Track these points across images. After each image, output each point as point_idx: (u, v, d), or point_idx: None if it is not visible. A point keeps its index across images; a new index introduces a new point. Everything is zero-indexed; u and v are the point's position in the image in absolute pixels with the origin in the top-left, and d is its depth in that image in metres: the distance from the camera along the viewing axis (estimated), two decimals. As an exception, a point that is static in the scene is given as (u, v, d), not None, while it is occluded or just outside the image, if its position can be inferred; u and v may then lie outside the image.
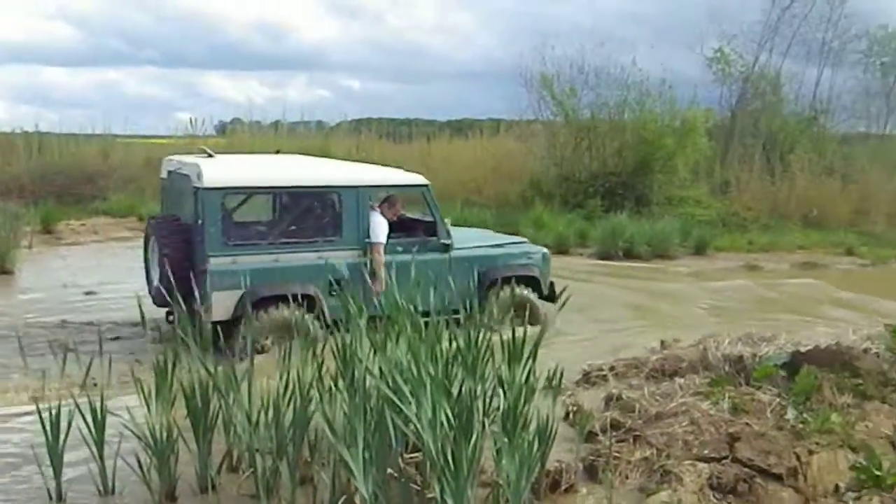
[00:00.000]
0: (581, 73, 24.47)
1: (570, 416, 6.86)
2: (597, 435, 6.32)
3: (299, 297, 8.66)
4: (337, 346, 5.73)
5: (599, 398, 7.37)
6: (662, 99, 24.04)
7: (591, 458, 5.93)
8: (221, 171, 9.54)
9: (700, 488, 5.42)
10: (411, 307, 6.18)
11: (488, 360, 5.63)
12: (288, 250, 9.50)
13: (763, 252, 19.49)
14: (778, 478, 5.62)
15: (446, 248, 10.22)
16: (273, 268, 9.26)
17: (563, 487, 5.57)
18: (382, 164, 12.52)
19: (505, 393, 5.40)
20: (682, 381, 7.34)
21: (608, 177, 23.19)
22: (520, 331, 5.67)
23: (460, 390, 5.22)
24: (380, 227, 9.85)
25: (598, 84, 24.57)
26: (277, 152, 12.53)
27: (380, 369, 5.41)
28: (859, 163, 25.94)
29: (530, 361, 5.64)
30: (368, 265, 9.60)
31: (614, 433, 6.19)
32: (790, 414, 6.63)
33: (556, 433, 5.42)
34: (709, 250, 19.36)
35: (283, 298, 8.87)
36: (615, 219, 19.62)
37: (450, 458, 4.64)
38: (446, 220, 10.54)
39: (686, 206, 22.92)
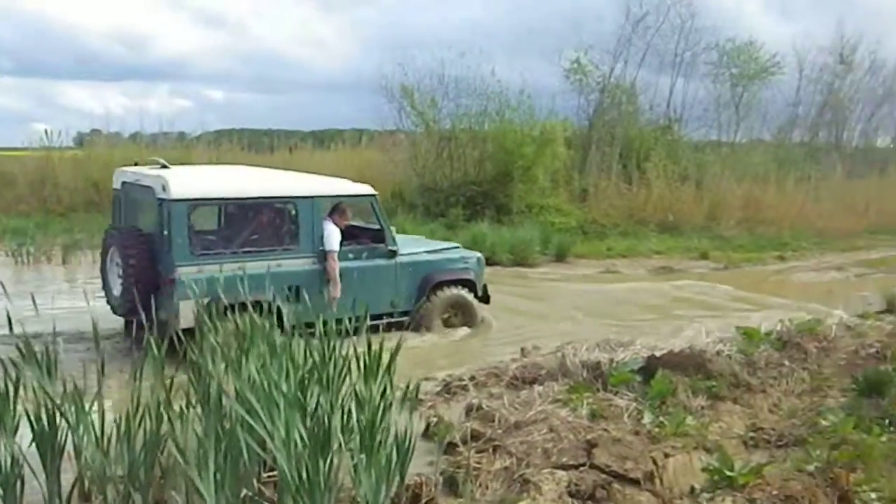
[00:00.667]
0: (441, 83, 24.58)
1: (431, 427, 6.82)
2: (457, 446, 6.29)
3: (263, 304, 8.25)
4: (191, 362, 5.58)
5: (460, 408, 7.35)
6: (521, 109, 24.28)
7: (452, 470, 5.89)
8: (187, 183, 9.77)
9: (559, 496, 5.44)
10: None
11: (345, 375, 5.55)
12: (249, 259, 9.58)
13: (621, 258, 19.85)
14: (635, 482, 5.68)
15: (393, 254, 11.01)
16: (224, 275, 8.70)
17: (423, 501, 5.51)
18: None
19: (362, 408, 5.33)
20: (541, 388, 7.41)
21: (469, 186, 23.31)
22: (383, 342, 5.61)
23: (316, 407, 5.12)
24: (333, 236, 10.33)
25: (459, 94, 24.73)
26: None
27: (235, 388, 5.27)
28: (712, 170, 26.77)
29: (387, 375, 5.57)
30: (324, 272, 10.19)
31: (474, 444, 6.19)
32: (647, 418, 6.74)
33: (414, 446, 5.37)
34: (569, 257, 19.62)
35: (243, 305, 8.31)
36: (476, 227, 19.74)
37: (305, 476, 4.55)
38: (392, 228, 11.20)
39: (546, 214, 23.19)
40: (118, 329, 10.61)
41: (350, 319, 6.29)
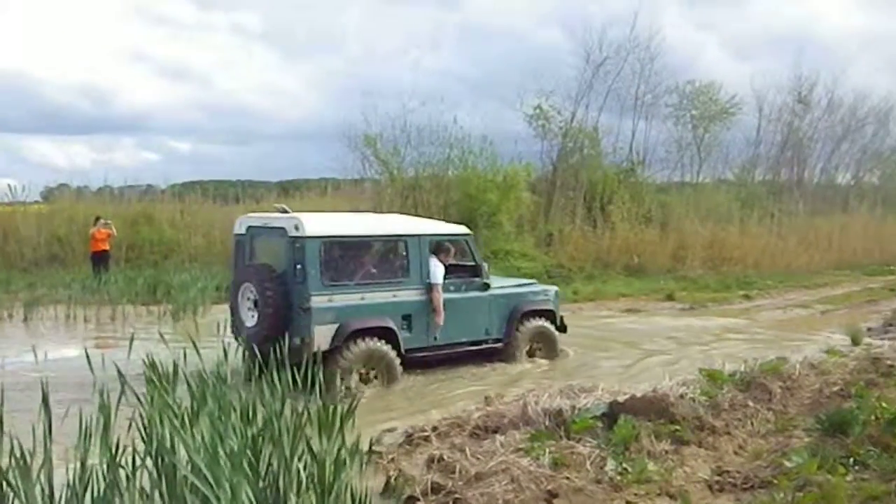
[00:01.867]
0: (404, 131, 24.70)
1: (391, 482, 6.70)
2: (418, 500, 6.17)
3: (379, 329, 10.96)
4: (141, 421, 5.46)
5: (422, 460, 7.23)
6: (484, 155, 24.46)
7: (412, 525, 5.79)
8: (317, 224, 11.06)
9: (519, 549, 5.35)
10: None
11: (301, 433, 5.43)
12: (370, 290, 11.20)
13: (588, 301, 19.87)
14: (597, 533, 5.61)
15: (487, 287, 12.36)
16: (359, 304, 10.94)
17: (382, 559, 5.41)
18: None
19: (318, 465, 5.22)
20: (503, 438, 7.30)
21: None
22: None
23: (268, 466, 5.01)
24: (438, 270, 11.64)
25: (422, 142, 24.86)
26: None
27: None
28: (676, 211, 26.98)
29: (342, 431, 5.47)
30: (430, 302, 11.54)
31: (435, 497, 6.07)
32: (609, 465, 6.65)
33: (370, 502, 5.27)
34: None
35: (367, 331, 10.86)
36: (442, 275, 19.68)
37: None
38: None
39: (512, 258, 23.24)
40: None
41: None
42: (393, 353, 11.04)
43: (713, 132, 31.03)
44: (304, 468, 5.32)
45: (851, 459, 7.02)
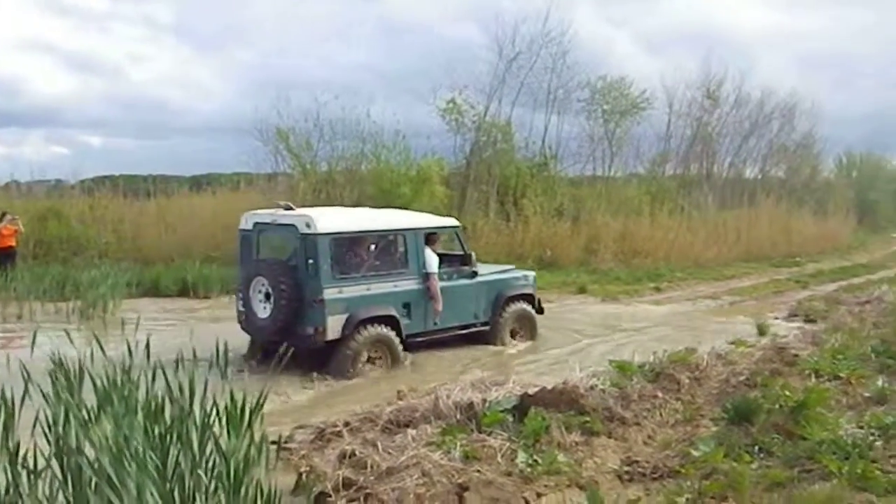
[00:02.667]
0: (316, 125, 24.53)
1: (303, 478, 6.65)
2: (329, 496, 6.13)
3: (383, 317, 12.05)
4: (46, 421, 5.34)
5: (334, 456, 7.18)
6: (398, 149, 24.41)
7: (323, 521, 5.75)
8: (327, 220, 11.92)
9: (430, 543, 5.35)
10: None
11: (209, 431, 5.34)
12: (374, 281, 12.13)
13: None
14: (507, 524, 5.63)
15: (475, 274, 13.52)
16: (365, 295, 11.93)
17: (292, 556, 5.37)
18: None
19: (226, 463, 5.15)
20: (414, 432, 7.29)
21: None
22: (239, 396, 5.43)
23: (176, 465, 4.92)
24: (433, 260, 12.70)
25: (335, 136, 24.70)
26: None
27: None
28: (588, 204, 27.23)
29: (250, 427, 5.40)
30: (427, 290, 12.60)
31: (346, 492, 6.04)
32: (520, 457, 6.68)
33: (280, 499, 5.22)
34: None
35: (373, 319, 11.95)
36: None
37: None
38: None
39: (425, 253, 23.21)
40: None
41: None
42: (396, 339, 12.17)
43: (624, 127, 31.37)
44: (213, 467, 5.25)
45: (756, 447, 7.17)
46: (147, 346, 5.77)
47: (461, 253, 13.58)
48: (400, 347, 12.25)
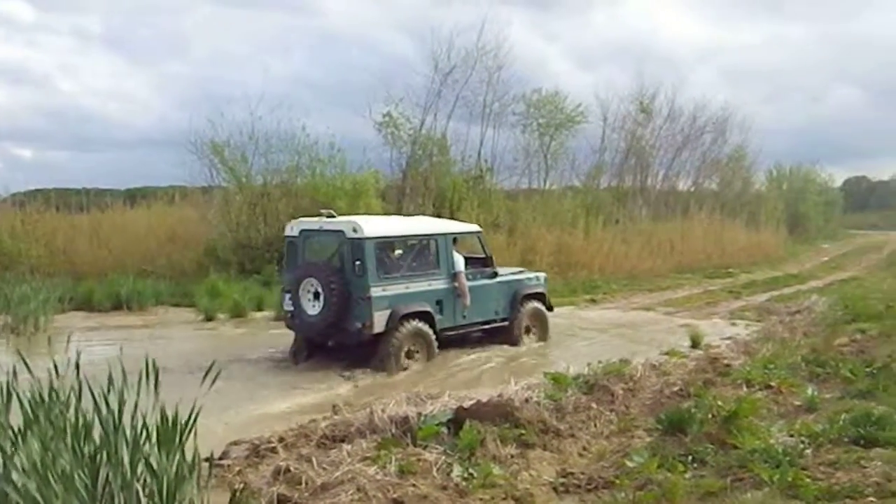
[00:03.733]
0: (251, 139, 24.32)
1: (237, 495, 6.56)
2: (264, 513, 6.08)
3: (420, 312, 13.34)
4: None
5: (268, 472, 7.11)
6: (333, 163, 24.29)
7: (257, 539, 5.68)
8: (372, 226, 13.20)
9: (365, 559, 5.32)
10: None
11: (139, 450, 5.24)
12: (412, 280, 13.42)
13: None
14: (442, 539, 5.61)
15: (495, 275, 14.91)
16: (405, 293, 13.22)
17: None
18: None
19: (158, 480, 5.06)
20: (349, 447, 7.25)
21: (284, 242, 23.03)
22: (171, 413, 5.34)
23: (105, 485, 4.83)
24: (460, 261, 14.16)
25: (270, 150, 24.52)
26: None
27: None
28: (523, 217, 27.35)
29: (184, 445, 5.31)
30: (456, 288, 13.95)
31: (281, 510, 5.99)
32: (455, 471, 6.69)
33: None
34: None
35: (412, 315, 13.22)
36: (291, 283, 19.50)
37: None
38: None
39: (362, 266, 23.15)
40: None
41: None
42: (431, 333, 13.46)
43: (559, 140, 31.55)
44: (144, 486, 5.17)
45: (690, 457, 7.27)
46: (77, 362, 5.65)
47: (482, 255, 14.97)
48: (435, 341, 13.54)
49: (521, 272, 16.13)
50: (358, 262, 12.75)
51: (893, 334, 13.76)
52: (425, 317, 13.44)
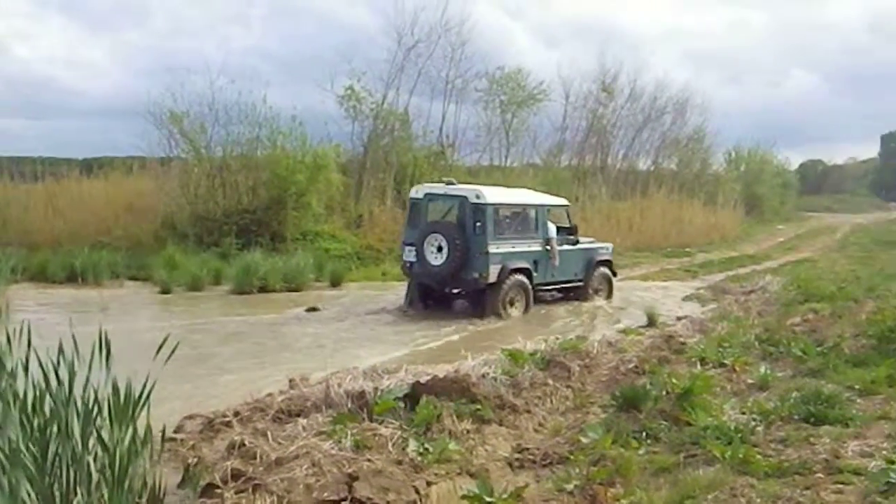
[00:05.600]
0: (211, 110, 24.07)
1: (190, 469, 6.53)
2: (218, 487, 6.02)
3: (522, 269, 16.19)
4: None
5: (223, 447, 7.06)
6: (294, 135, 24.08)
7: (210, 513, 5.65)
8: (491, 194, 16.31)
9: (318, 533, 5.30)
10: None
11: (91, 423, 5.18)
12: (517, 241, 16.32)
13: (397, 282, 19.94)
14: (396, 514, 5.60)
15: (577, 242, 17.95)
16: (512, 251, 16.06)
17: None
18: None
19: (110, 455, 5.01)
20: (305, 421, 7.22)
21: (243, 214, 22.94)
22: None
23: (54, 459, 4.76)
24: (552, 228, 17.30)
25: (230, 121, 24.27)
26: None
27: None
28: (484, 193, 27.34)
29: (136, 418, 5.25)
30: (549, 251, 16.88)
31: (235, 483, 5.94)
32: (411, 446, 6.68)
33: (165, 491, 5.11)
34: (344, 282, 19.59)
35: (517, 270, 16.05)
36: (250, 256, 19.38)
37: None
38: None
39: (321, 240, 23.12)
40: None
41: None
42: (530, 286, 16.37)
43: (521, 117, 31.67)
44: (95, 459, 5.11)
45: (644, 433, 7.32)
46: (28, 334, 5.55)
47: (568, 226, 18.04)
48: (532, 294, 16.43)
49: (594, 242, 18.94)
50: (478, 224, 15.57)
51: (844, 314, 13.92)
52: (525, 272, 16.25)
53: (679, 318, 14.87)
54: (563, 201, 19.00)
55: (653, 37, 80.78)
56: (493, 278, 15.63)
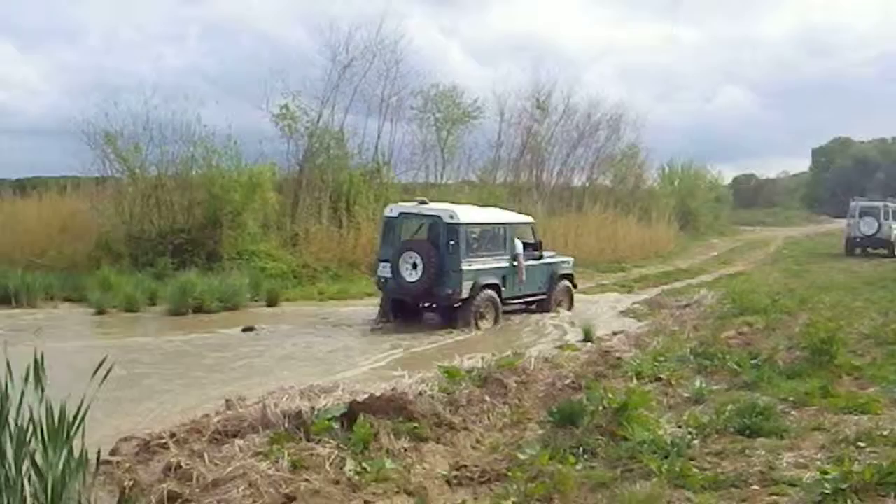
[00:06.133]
0: (146, 129, 23.81)
1: (126, 493, 6.45)
2: (153, 510, 5.97)
3: (492, 284, 17.04)
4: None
5: (159, 468, 6.99)
6: (229, 154, 23.90)
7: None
8: (464, 214, 17.13)
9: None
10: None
11: (25, 447, 5.10)
12: (487, 258, 17.19)
13: (333, 300, 19.93)
14: (334, 534, 5.60)
15: (541, 257, 18.88)
16: (482, 268, 16.94)
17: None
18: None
19: (43, 479, 4.94)
20: (242, 442, 7.17)
21: (178, 234, 22.73)
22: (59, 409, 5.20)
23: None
24: (519, 245, 17.98)
25: (164, 140, 24.03)
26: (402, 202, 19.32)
27: None
28: (420, 211, 27.35)
29: (72, 441, 5.18)
30: (515, 267, 17.71)
31: (171, 506, 5.90)
32: (348, 465, 6.67)
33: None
34: (280, 302, 19.48)
35: (487, 286, 16.90)
36: (185, 276, 19.19)
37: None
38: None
39: (257, 259, 22.92)
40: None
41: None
42: (499, 300, 17.26)
43: (456, 135, 31.74)
44: (30, 483, 5.04)
45: (581, 449, 7.37)
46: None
47: (532, 241, 18.82)
48: (500, 308, 17.29)
49: (556, 256, 19.87)
50: (452, 242, 16.34)
51: (778, 327, 14.19)
52: (495, 287, 17.12)
53: (615, 333, 15.02)
54: (529, 219, 20.00)
55: (586, 54, 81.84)
56: (465, 294, 16.50)
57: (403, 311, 17.43)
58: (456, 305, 16.58)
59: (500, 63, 78.52)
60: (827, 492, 5.88)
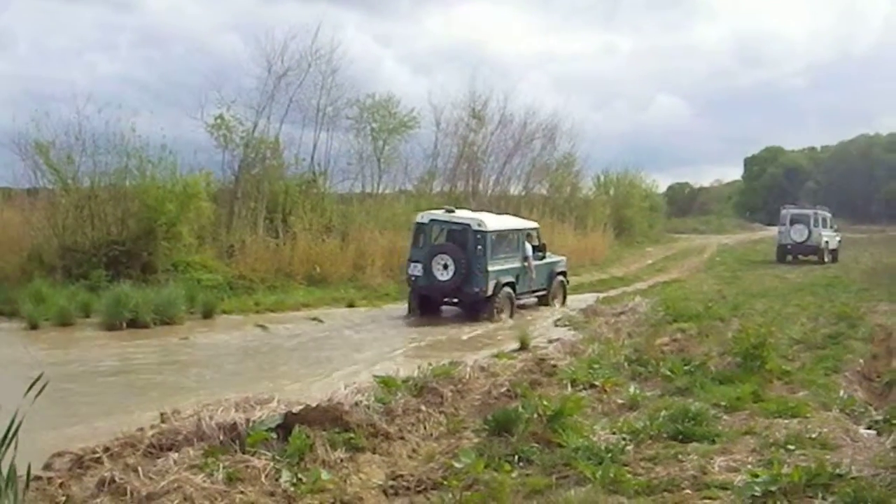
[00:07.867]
0: (78, 139, 23.43)
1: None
2: (88, 526, 5.92)
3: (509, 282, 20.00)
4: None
5: (93, 483, 6.92)
6: (163, 165, 23.61)
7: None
8: (490, 222, 20.11)
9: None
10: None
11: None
12: (505, 260, 20.02)
13: (270, 311, 19.81)
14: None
15: (544, 257, 21.95)
16: (502, 269, 19.72)
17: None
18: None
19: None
20: (176, 455, 7.13)
21: (112, 245, 22.34)
22: None
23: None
24: (529, 247, 21.20)
25: (97, 151, 23.66)
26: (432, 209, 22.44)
27: None
28: (356, 221, 27.37)
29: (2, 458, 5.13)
30: (526, 266, 20.82)
31: (103, 521, 5.86)
32: (284, 477, 6.68)
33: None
34: (216, 314, 19.33)
35: (506, 283, 19.72)
36: (119, 288, 18.93)
37: None
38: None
39: (193, 271, 22.65)
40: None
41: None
42: (514, 296, 20.31)
43: (392, 145, 31.78)
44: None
45: (516, 456, 7.47)
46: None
47: (537, 244, 21.88)
48: (515, 303, 20.36)
49: (553, 256, 22.90)
50: (480, 247, 19.11)
51: (711, 333, 14.44)
52: (511, 285, 19.98)
53: (551, 341, 15.14)
54: (536, 224, 23.57)
55: (522, 63, 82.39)
56: (490, 291, 19.22)
57: (425, 305, 20.07)
58: (479, 301, 19.20)
59: (436, 72, 78.90)
60: (757, 494, 6.02)
